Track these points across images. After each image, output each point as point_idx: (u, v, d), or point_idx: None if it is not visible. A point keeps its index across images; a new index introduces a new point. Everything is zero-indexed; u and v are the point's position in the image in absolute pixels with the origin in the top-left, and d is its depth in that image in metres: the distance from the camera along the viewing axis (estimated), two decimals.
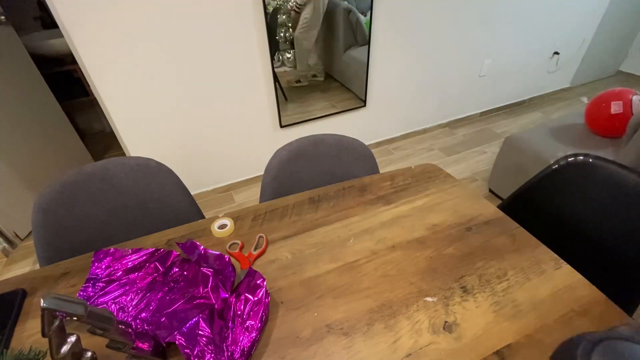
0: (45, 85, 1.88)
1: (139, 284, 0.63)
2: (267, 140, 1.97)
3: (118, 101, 1.51)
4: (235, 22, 1.52)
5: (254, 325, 0.54)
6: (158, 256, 0.67)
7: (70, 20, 1.27)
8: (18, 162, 1.69)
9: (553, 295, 0.60)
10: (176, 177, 0.90)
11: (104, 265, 0.66)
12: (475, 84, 2.52)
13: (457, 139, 2.48)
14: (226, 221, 0.77)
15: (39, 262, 0.78)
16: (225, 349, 0.51)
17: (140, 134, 1.65)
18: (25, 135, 1.74)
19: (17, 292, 0.63)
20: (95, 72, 1.41)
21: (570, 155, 0.85)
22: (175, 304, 0.58)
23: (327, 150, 0.98)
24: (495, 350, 0.52)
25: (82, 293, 0.62)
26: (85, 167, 0.83)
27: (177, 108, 1.65)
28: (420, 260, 0.67)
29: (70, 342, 0.42)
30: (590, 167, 0.82)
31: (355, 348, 0.53)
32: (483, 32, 2.25)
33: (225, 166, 1.99)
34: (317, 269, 0.67)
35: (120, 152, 1.93)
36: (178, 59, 1.51)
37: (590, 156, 0.82)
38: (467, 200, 0.83)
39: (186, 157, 1.83)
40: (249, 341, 0.52)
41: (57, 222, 0.80)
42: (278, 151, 0.95)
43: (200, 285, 0.60)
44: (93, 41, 1.34)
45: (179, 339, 0.50)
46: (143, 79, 1.50)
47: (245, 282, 0.60)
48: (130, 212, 0.88)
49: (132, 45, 1.41)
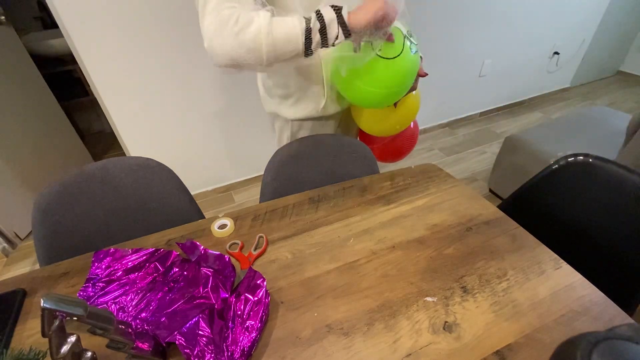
0: (45, 85, 1.88)
1: (139, 284, 0.63)
2: (267, 140, 1.97)
3: (118, 101, 1.51)
4: None
5: (254, 325, 0.54)
6: (158, 256, 0.67)
7: (70, 20, 1.27)
8: (18, 162, 1.69)
9: (553, 295, 0.60)
10: (176, 177, 0.90)
11: (104, 265, 0.66)
12: (475, 84, 2.52)
13: (457, 139, 2.48)
14: (226, 221, 0.77)
15: (39, 262, 0.78)
16: (225, 349, 0.51)
17: (140, 134, 1.65)
18: (25, 135, 1.74)
19: (17, 292, 0.63)
20: (95, 72, 1.41)
21: (570, 155, 0.85)
22: (175, 304, 0.58)
23: (327, 150, 0.98)
24: (495, 350, 0.52)
25: (82, 293, 0.62)
26: (85, 167, 0.83)
27: (177, 108, 1.65)
28: (421, 261, 0.67)
29: (70, 342, 0.42)
30: (590, 167, 0.82)
31: (355, 348, 0.53)
32: (483, 32, 2.25)
33: (225, 166, 1.99)
34: (317, 269, 0.67)
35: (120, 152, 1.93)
36: (178, 59, 1.51)
37: (590, 156, 0.82)
38: (467, 200, 0.83)
39: (186, 157, 1.83)
40: (249, 341, 0.52)
41: (57, 222, 0.80)
42: (278, 151, 0.95)
43: (200, 285, 0.60)
44: (93, 41, 1.34)
45: (179, 338, 0.50)
46: (143, 79, 1.50)
47: (245, 282, 0.60)
48: (130, 212, 0.88)
49: (132, 45, 1.41)
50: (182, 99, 1.63)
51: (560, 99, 2.98)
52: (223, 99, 1.72)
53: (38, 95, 1.84)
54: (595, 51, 2.92)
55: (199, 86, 1.63)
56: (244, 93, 1.74)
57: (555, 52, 2.70)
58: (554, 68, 2.82)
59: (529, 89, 2.88)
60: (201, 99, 1.67)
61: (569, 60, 2.86)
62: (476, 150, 2.35)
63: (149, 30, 1.40)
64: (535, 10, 2.33)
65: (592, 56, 2.95)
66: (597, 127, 1.76)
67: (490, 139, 2.46)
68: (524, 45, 2.50)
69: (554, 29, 2.54)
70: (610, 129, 1.71)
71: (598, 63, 3.08)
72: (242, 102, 1.77)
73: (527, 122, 2.66)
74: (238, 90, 1.72)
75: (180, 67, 1.54)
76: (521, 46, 2.49)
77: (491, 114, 2.78)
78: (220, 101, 1.72)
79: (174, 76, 1.55)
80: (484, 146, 2.38)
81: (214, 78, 1.63)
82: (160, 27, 1.41)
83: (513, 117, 2.73)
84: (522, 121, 2.67)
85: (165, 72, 1.52)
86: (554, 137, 1.69)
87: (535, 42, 2.54)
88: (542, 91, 2.98)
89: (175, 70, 1.54)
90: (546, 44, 2.61)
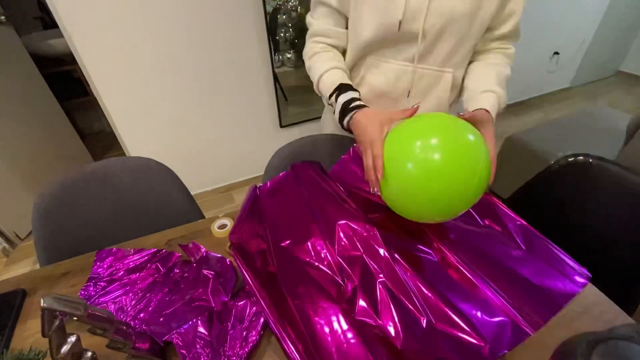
0: (45, 85, 1.88)
1: (140, 284, 0.63)
2: (267, 140, 1.97)
3: (118, 101, 1.51)
4: (236, 22, 1.52)
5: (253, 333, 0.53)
6: (160, 257, 0.67)
7: (70, 20, 1.27)
8: (18, 162, 1.69)
9: None
10: (176, 177, 0.90)
11: (106, 265, 0.66)
12: None
13: None
14: (226, 221, 0.77)
15: (39, 262, 0.78)
16: (222, 353, 0.50)
17: (140, 134, 1.65)
18: (26, 135, 1.74)
19: (17, 292, 0.63)
20: (95, 72, 1.41)
21: (570, 156, 0.85)
22: (174, 305, 0.58)
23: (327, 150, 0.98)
24: None
25: (83, 292, 0.62)
26: (85, 167, 0.83)
27: (177, 108, 1.65)
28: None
29: (70, 342, 0.42)
30: (590, 167, 0.82)
31: None
32: None
33: (225, 166, 1.99)
34: None
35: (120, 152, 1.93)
36: (178, 59, 1.51)
37: (590, 156, 0.82)
38: None
39: (186, 157, 1.83)
40: (247, 348, 0.51)
41: (57, 222, 0.80)
42: (278, 151, 0.95)
43: (200, 288, 0.60)
44: (93, 41, 1.34)
45: (175, 337, 0.50)
46: (143, 78, 1.50)
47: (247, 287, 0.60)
48: (130, 212, 0.88)
49: (132, 45, 1.41)
50: (182, 99, 1.63)
51: (560, 99, 2.98)
52: (223, 99, 1.72)
53: (38, 95, 1.84)
54: (595, 51, 2.92)
55: (199, 86, 1.63)
56: (245, 93, 1.74)
57: (555, 52, 2.70)
58: (554, 68, 2.82)
59: (529, 89, 2.88)
60: (201, 99, 1.67)
61: (569, 60, 2.86)
62: None
63: (149, 31, 1.40)
64: (535, 10, 2.33)
65: (592, 56, 2.95)
66: (597, 127, 1.75)
67: None
68: (524, 45, 2.49)
69: (554, 29, 2.54)
70: (610, 129, 1.70)
71: (598, 63, 3.08)
72: (243, 102, 1.77)
73: (527, 122, 2.66)
74: (238, 90, 1.72)
75: (180, 67, 1.54)
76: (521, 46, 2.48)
77: None
78: (221, 101, 1.72)
79: (174, 76, 1.55)
80: None
81: (214, 78, 1.63)
82: (160, 27, 1.41)
83: (513, 117, 2.73)
84: (522, 121, 2.67)
85: (166, 72, 1.52)
86: (554, 137, 1.69)
87: (536, 42, 2.54)
88: (542, 91, 2.98)
89: (176, 70, 1.54)
90: (546, 44, 2.61)
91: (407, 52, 0.73)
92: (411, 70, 0.76)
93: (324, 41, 0.79)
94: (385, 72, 0.78)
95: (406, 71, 0.76)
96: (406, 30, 0.69)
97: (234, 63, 1.63)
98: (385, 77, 0.78)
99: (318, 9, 0.76)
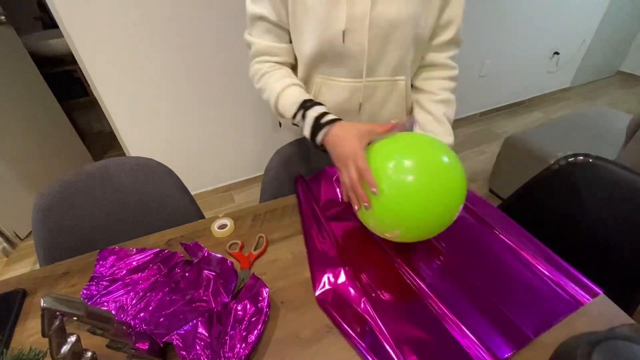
0: (45, 85, 1.89)
1: (141, 284, 0.63)
2: (267, 140, 1.97)
3: (118, 101, 1.51)
4: (236, 22, 1.52)
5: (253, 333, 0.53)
6: (162, 257, 0.67)
7: (70, 20, 1.27)
8: (18, 162, 1.69)
9: None
10: (176, 177, 0.90)
11: (109, 264, 0.66)
12: (475, 84, 2.52)
13: (457, 139, 2.47)
14: (226, 221, 0.77)
15: (39, 262, 0.78)
16: (222, 354, 0.50)
17: (140, 134, 1.65)
18: (26, 135, 1.74)
19: (17, 292, 0.63)
20: (95, 72, 1.41)
21: (570, 155, 0.85)
22: (174, 305, 0.58)
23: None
24: None
25: (85, 291, 0.62)
26: (85, 167, 0.83)
27: (177, 108, 1.65)
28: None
29: (70, 342, 0.42)
30: (590, 167, 0.82)
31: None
32: (483, 32, 2.25)
33: (225, 166, 1.99)
34: None
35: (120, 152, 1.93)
36: (178, 59, 1.51)
37: (590, 156, 0.82)
38: None
39: (186, 157, 1.83)
40: (247, 349, 0.51)
41: (57, 222, 0.80)
42: (278, 151, 0.95)
43: (201, 288, 0.60)
44: (93, 41, 1.34)
45: (176, 339, 0.50)
46: (143, 78, 1.50)
47: (247, 289, 0.60)
48: (130, 212, 0.88)
49: (133, 45, 1.41)
50: (182, 99, 1.63)
51: (560, 99, 2.98)
52: (223, 99, 1.72)
53: (38, 95, 1.84)
54: (595, 51, 2.92)
55: (199, 86, 1.63)
56: (245, 93, 1.74)
57: (555, 52, 2.70)
58: (554, 68, 2.82)
59: (529, 89, 2.88)
60: (201, 99, 1.67)
61: (569, 60, 2.86)
62: (476, 150, 2.35)
63: (149, 31, 1.40)
64: (535, 10, 2.33)
65: (592, 56, 2.95)
66: (597, 127, 1.75)
67: (490, 139, 2.46)
68: (524, 45, 2.50)
69: (554, 29, 2.54)
70: (610, 129, 1.71)
71: (598, 63, 3.08)
72: (243, 102, 1.77)
73: (527, 122, 2.66)
74: (238, 90, 1.72)
75: (180, 68, 1.54)
76: (521, 46, 2.49)
77: (491, 114, 2.78)
78: (221, 101, 1.72)
79: (174, 76, 1.55)
80: (484, 146, 2.38)
81: (214, 78, 1.63)
82: (160, 27, 1.41)
83: (513, 117, 2.73)
84: (522, 121, 2.67)
85: (166, 72, 1.52)
86: (554, 137, 1.69)
87: (535, 42, 2.54)
88: (542, 91, 2.98)
89: (176, 70, 1.54)
90: (546, 44, 2.61)
91: (354, 68, 0.72)
92: (362, 85, 0.74)
93: (269, 60, 0.74)
94: (337, 91, 0.76)
95: (357, 87, 0.75)
96: (351, 41, 0.67)
97: (234, 63, 1.63)
98: (337, 95, 0.77)
99: (256, 25, 0.71)
